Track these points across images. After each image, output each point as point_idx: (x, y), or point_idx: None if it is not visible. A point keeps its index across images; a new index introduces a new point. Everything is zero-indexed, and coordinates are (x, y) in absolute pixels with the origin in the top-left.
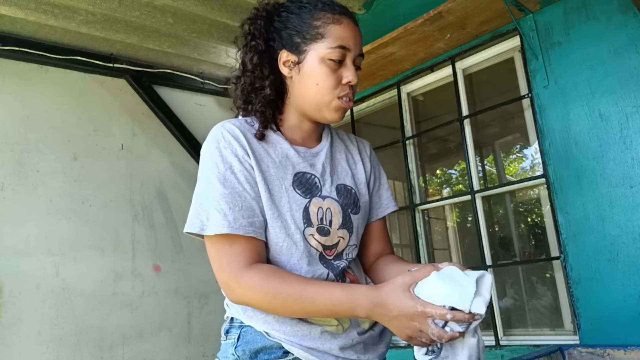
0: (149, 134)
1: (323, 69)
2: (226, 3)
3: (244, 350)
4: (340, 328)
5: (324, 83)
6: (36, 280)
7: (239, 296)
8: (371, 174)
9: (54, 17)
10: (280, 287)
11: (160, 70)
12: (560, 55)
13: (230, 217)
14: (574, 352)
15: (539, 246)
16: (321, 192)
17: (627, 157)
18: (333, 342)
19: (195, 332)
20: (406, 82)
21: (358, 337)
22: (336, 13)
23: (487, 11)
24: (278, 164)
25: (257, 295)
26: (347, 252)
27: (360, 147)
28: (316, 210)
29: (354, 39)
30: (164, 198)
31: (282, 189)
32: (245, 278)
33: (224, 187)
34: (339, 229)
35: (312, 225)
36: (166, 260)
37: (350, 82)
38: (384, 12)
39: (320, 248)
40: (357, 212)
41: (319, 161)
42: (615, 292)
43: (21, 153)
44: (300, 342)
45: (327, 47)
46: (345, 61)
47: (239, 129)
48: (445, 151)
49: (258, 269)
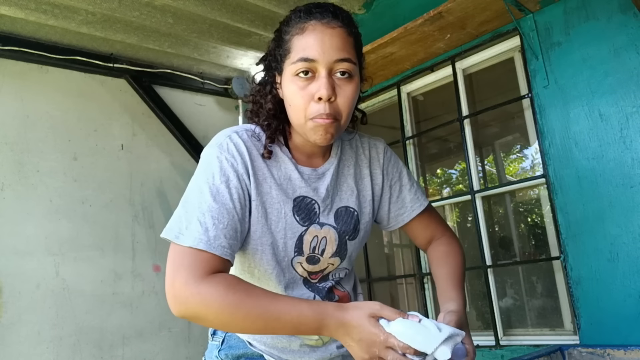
0: (149, 134)
1: (292, 88)
2: (226, 3)
3: (226, 354)
4: (320, 342)
5: (294, 102)
6: (36, 280)
7: (192, 307)
8: (384, 184)
9: (54, 17)
10: (246, 299)
11: (160, 70)
12: (560, 55)
13: (212, 234)
14: (574, 352)
15: (539, 246)
16: (319, 219)
17: (627, 157)
18: (312, 355)
19: (195, 332)
20: (406, 82)
21: (336, 351)
22: (300, 21)
23: (487, 11)
24: (279, 186)
25: (217, 305)
26: (333, 273)
27: (372, 155)
28: (310, 239)
29: (321, 45)
30: (164, 198)
31: (282, 214)
32: (206, 286)
33: (214, 200)
34: (331, 257)
35: (302, 254)
36: (166, 260)
37: (320, 97)
38: (384, 12)
39: (305, 274)
40: (355, 238)
41: (323, 184)
42: (615, 292)
43: (21, 153)
44: (279, 355)
45: (291, 63)
46: (316, 73)
47: (245, 144)
48: (445, 151)
49: (222, 277)
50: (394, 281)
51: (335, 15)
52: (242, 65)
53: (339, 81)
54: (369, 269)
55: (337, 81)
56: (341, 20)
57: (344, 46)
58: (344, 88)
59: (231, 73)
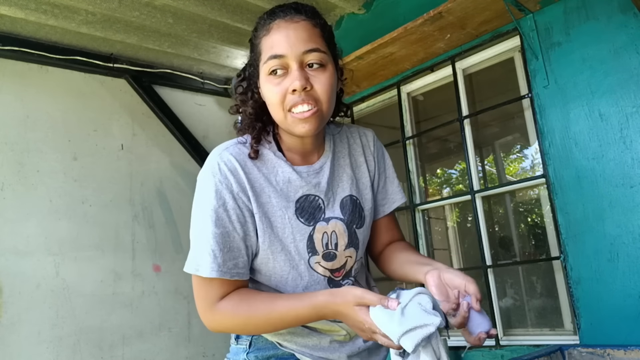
0: (149, 134)
1: (267, 87)
2: (226, 3)
3: (256, 357)
4: (347, 337)
5: (271, 100)
6: (36, 280)
7: (216, 327)
8: (375, 171)
9: (54, 17)
10: (250, 311)
11: (160, 70)
12: (560, 55)
13: (220, 260)
14: (574, 352)
15: (539, 246)
16: (324, 215)
17: (627, 157)
18: (341, 350)
19: (195, 332)
20: (406, 82)
21: (363, 345)
22: (266, 23)
23: (487, 11)
24: (280, 192)
25: (231, 323)
26: (355, 268)
27: (364, 142)
28: (321, 236)
29: (286, 40)
30: (164, 198)
31: (285, 219)
32: (218, 310)
33: (216, 226)
34: (345, 249)
35: (317, 253)
36: (166, 260)
37: (294, 89)
38: (384, 12)
39: (327, 273)
40: (362, 225)
41: (323, 178)
42: (615, 292)
43: (21, 153)
44: (311, 352)
45: (262, 63)
46: (288, 69)
47: (237, 158)
48: (445, 151)
49: (228, 299)
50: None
51: (297, 10)
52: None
53: (312, 72)
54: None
55: (311, 72)
56: (304, 14)
57: (310, 37)
58: (318, 77)
59: (231, 73)
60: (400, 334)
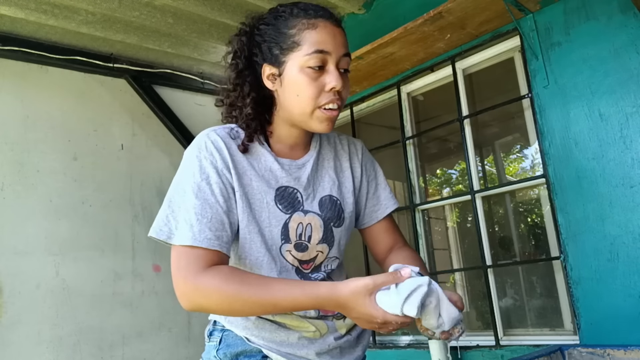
0: (149, 134)
1: (302, 78)
2: (226, 3)
3: (225, 354)
4: (317, 334)
5: (305, 93)
6: (36, 280)
7: (195, 301)
8: (362, 178)
9: (54, 17)
10: (241, 289)
11: (160, 70)
12: (560, 55)
13: (196, 229)
14: (574, 352)
15: (539, 246)
16: (303, 207)
17: (627, 157)
18: (310, 347)
19: (195, 332)
20: (406, 82)
21: (334, 342)
22: (311, 17)
23: (487, 11)
24: (261, 177)
25: (215, 297)
26: (325, 264)
27: (352, 150)
28: (296, 226)
29: (333, 41)
30: (163, 198)
31: (264, 203)
32: (203, 280)
33: (196, 197)
34: (318, 243)
35: (290, 242)
36: (166, 260)
37: (334, 87)
38: (384, 12)
39: (296, 263)
40: (341, 225)
41: (304, 174)
42: (615, 292)
43: (21, 153)
44: (278, 348)
45: (303, 55)
46: (326, 66)
47: (223, 140)
48: (445, 151)
49: (217, 270)
50: None
51: (336, 17)
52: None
53: (342, 75)
54: (368, 269)
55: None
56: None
57: (347, 44)
58: (345, 81)
59: None
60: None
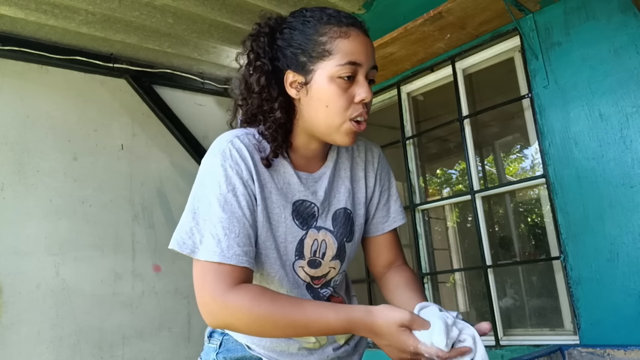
0: (149, 134)
1: (333, 89)
2: (226, 3)
3: (225, 358)
4: (317, 344)
5: (335, 104)
6: (36, 280)
7: (224, 319)
8: (375, 187)
9: (54, 17)
10: (272, 310)
11: (160, 70)
12: (560, 55)
13: (224, 245)
14: (574, 352)
15: (539, 246)
16: (317, 223)
17: (627, 157)
18: (309, 357)
19: (195, 332)
20: (406, 82)
21: (333, 353)
22: (343, 25)
23: (487, 11)
24: (279, 191)
25: (246, 317)
26: (335, 279)
27: (368, 158)
28: (311, 242)
29: (365, 52)
30: (164, 198)
31: (282, 218)
32: (232, 298)
33: (223, 210)
34: (331, 260)
35: (304, 258)
36: (166, 260)
37: (364, 99)
38: (384, 12)
39: (307, 279)
40: (352, 239)
41: (321, 187)
42: (615, 292)
43: (21, 153)
44: (278, 358)
45: (335, 65)
46: (356, 77)
47: (248, 149)
48: (445, 151)
49: (247, 289)
50: None
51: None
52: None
53: None
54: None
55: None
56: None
57: (375, 56)
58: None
59: (231, 73)
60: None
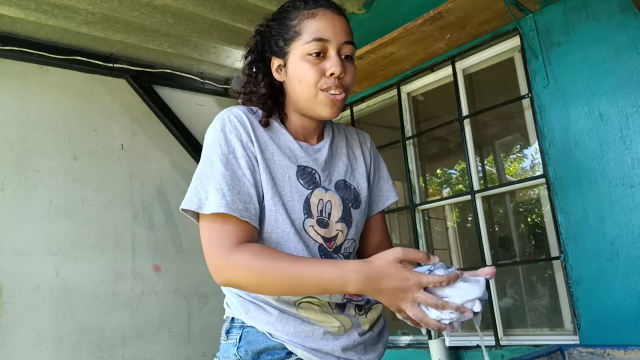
0: (149, 134)
1: (303, 65)
2: (226, 3)
3: (246, 351)
4: (342, 329)
5: (305, 78)
6: (36, 280)
7: (227, 276)
8: (371, 166)
9: (54, 17)
10: (270, 264)
11: (160, 70)
12: (560, 55)
13: (229, 198)
14: (574, 352)
15: (539, 246)
16: (321, 184)
17: (627, 157)
18: (335, 342)
19: (195, 332)
20: (406, 82)
21: (359, 338)
22: (310, 8)
23: (487, 11)
24: (282, 153)
25: (246, 273)
26: (345, 245)
27: (361, 140)
28: (317, 202)
29: (332, 29)
30: (164, 198)
31: (286, 177)
32: (235, 256)
33: (225, 168)
34: (337, 222)
35: (312, 217)
36: (166, 260)
37: (333, 73)
38: (384, 12)
39: (319, 239)
40: (358, 207)
41: (322, 157)
42: (615, 292)
43: (21, 153)
44: (303, 343)
45: (303, 43)
46: (327, 53)
47: (245, 114)
48: (445, 151)
49: (247, 247)
50: None
51: (337, 6)
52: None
53: (344, 62)
54: None
55: (343, 62)
56: (341, 12)
57: (349, 31)
58: (349, 68)
59: (231, 73)
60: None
